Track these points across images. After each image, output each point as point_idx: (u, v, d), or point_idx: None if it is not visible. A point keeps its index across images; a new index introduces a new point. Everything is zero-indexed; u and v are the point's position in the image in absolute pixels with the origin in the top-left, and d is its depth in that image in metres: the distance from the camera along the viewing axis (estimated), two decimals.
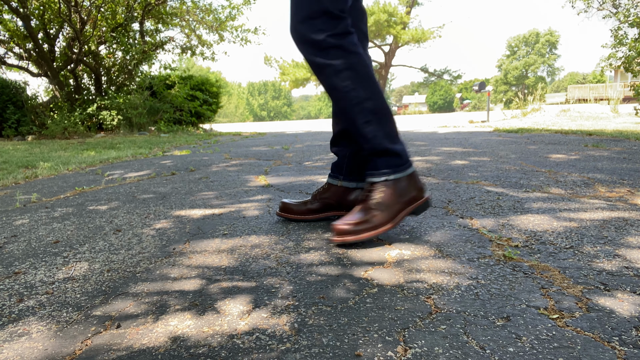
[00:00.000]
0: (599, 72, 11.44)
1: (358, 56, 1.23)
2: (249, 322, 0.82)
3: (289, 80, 33.16)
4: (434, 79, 44.45)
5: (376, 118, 1.25)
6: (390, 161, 1.27)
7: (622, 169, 2.29)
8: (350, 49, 1.22)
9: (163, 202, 1.94)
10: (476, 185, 2.03)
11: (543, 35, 61.88)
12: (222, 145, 5.33)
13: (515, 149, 3.43)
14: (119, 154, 4.32)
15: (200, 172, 2.85)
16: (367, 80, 1.24)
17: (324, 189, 1.51)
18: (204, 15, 11.11)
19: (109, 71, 10.11)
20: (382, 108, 1.26)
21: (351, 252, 1.19)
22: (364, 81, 1.24)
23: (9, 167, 3.50)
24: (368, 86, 1.24)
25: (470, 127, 7.12)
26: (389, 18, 29.07)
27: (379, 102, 1.26)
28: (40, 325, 0.85)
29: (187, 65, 12.55)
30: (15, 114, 8.58)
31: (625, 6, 8.86)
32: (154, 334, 0.79)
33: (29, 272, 1.14)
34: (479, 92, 11.76)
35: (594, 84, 28.87)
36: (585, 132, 4.80)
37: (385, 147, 1.26)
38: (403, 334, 0.76)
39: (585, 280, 0.94)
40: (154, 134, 8.33)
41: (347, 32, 1.22)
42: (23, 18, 8.38)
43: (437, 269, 1.04)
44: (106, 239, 1.41)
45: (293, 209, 1.51)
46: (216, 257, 1.19)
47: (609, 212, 1.47)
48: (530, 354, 0.68)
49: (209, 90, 11.27)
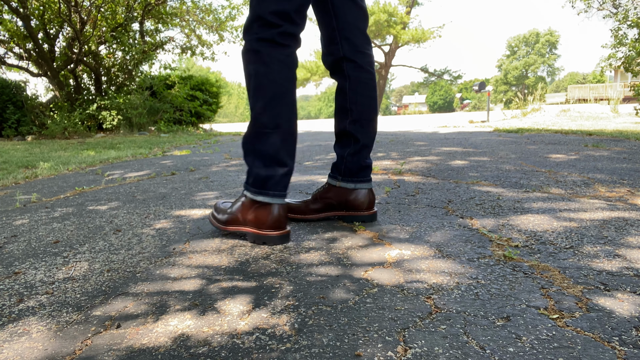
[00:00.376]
0: (599, 72, 11.44)
1: (269, 69, 1.20)
2: (249, 322, 0.82)
3: None
4: (434, 79, 44.44)
5: (259, 135, 1.24)
6: (252, 180, 1.27)
7: (622, 169, 2.29)
8: (265, 59, 1.20)
9: (163, 202, 1.94)
10: (476, 185, 2.03)
11: (543, 35, 61.88)
12: (222, 145, 5.33)
13: (515, 149, 3.43)
14: (119, 154, 4.32)
15: (200, 172, 2.85)
16: (267, 97, 1.21)
17: (324, 189, 1.50)
18: (204, 15, 11.12)
19: (109, 71, 10.12)
20: (263, 129, 1.23)
21: (351, 252, 1.19)
22: (264, 93, 1.21)
23: (9, 167, 3.50)
24: (266, 103, 1.21)
25: (470, 127, 7.12)
26: (389, 18, 29.07)
27: (267, 122, 1.22)
28: (40, 325, 0.85)
29: (187, 65, 12.55)
30: (15, 114, 8.58)
31: (625, 6, 8.86)
32: (154, 334, 0.79)
33: (29, 272, 1.14)
34: (479, 92, 11.76)
35: (594, 84, 28.88)
36: (585, 132, 4.80)
37: (249, 166, 1.28)
38: (403, 334, 0.76)
39: (585, 280, 0.94)
40: (154, 134, 8.33)
41: (271, 40, 1.19)
42: (23, 18, 8.38)
43: (437, 269, 1.04)
44: (106, 239, 1.41)
45: (294, 208, 1.51)
46: (216, 257, 1.19)
47: (609, 212, 1.47)
48: (530, 354, 0.68)
49: (209, 90, 11.28)
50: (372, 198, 1.47)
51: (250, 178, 1.28)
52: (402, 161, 2.93)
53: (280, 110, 1.22)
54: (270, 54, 1.20)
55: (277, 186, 1.26)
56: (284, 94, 1.22)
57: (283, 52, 1.21)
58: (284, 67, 1.22)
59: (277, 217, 1.26)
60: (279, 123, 1.22)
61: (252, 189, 1.27)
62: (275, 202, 1.26)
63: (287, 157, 1.27)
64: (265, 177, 1.25)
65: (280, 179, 1.26)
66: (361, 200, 1.45)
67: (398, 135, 5.50)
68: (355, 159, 1.44)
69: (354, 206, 1.46)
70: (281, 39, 1.20)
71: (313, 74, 32.53)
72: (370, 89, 1.43)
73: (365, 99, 1.42)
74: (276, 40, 1.20)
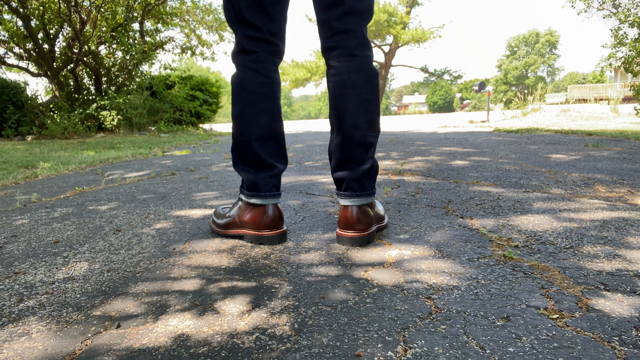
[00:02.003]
0: (599, 72, 11.43)
1: (240, 77, 1.25)
2: (249, 322, 0.82)
3: (288, 80, 33.16)
4: (434, 79, 44.43)
5: (239, 144, 1.28)
6: (244, 183, 1.31)
7: (622, 169, 2.29)
8: (237, 68, 1.26)
9: (163, 202, 1.94)
10: (476, 185, 2.03)
11: (543, 35, 61.87)
12: (222, 145, 5.33)
13: (515, 149, 3.43)
14: (119, 154, 4.32)
15: (200, 172, 2.85)
16: (239, 106, 1.25)
17: None
18: (203, 15, 11.12)
19: (109, 71, 10.11)
20: (241, 138, 1.26)
21: (351, 252, 1.19)
22: (238, 103, 1.26)
23: (9, 167, 3.50)
24: (239, 112, 1.26)
25: (470, 127, 7.12)
26: (389, 18, 29.06)
27: (242, 131, 1.26)
28: (40, 325, 0.85)
29: (187, 65, 12.53)
30: (15, 114, 8.57)
31: (625, 6, 8.86)
32: (154, 334, 0.79)
33: (29, 272, 1.14)
34: (479, 92, 11.76)
35: (594, 84, 28.88)
36: (585, 132, 4.80)
37: (239, 172, 1.32)
38: (403, 334, 0.76)
39: (585, 280, 0.94)
40: (154, 134, 8.33)
41: (240, 50, 1.24)
42: (23, 18, 8.38)
43: (437, 269, 1.04)
44: (106, 239, 1.41)
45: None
46: (216, 257, 1.19)
47: (609, 212, 1.47)
48: (530, 354, 0.68)
49: (209, 90, 11.27)
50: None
51: (243, 182, 1.31)
52: (402, 161, 2.93)
53: (254, 117, 1.24)
54: (240, 62, 1.25)
55: (268, 187, 1.28)
56: (256, 100, 1.24)
57: (248, 58, 1.24)
58: (252, 72, 1.24)
59: (272, 217, 1.28)
60: (254, 130, 1.25)
61: (246, 192, 1.30)
62: (268, 203, 1.28)
63: (273, 158, 1.29)
64: (255, 180, 1.27)
65: (269, 179, 1.28)
66: None
67: (398, 135, 5.50)
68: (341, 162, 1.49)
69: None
70: (247, 45, 1.23)
71: (313, 74, 32.52)
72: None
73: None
74: (243, 48, 1.24)
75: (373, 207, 1.29)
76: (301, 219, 1.56)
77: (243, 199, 1.31)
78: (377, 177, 1.45)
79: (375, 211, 1.31)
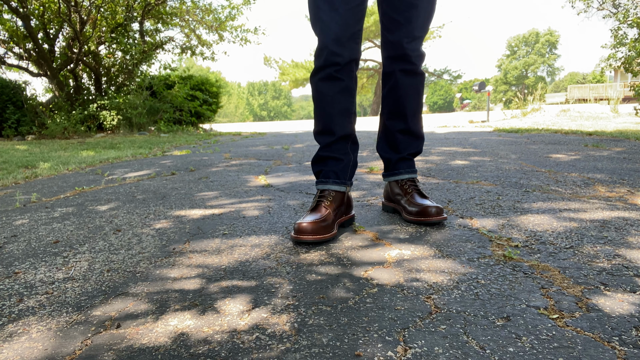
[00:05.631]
0: (599, 72, 11.43)
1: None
2: (249, 321, 0.82)
3: (288, 80, 33.17)
4: (434, 79, 44.42)
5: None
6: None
7: (622, 169, 2.29)
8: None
9: (163, 202, 1.94)
10: (476, 185, 2.03)
11: (543, 35, 61.85)
12: (222, 145, 5.33)
13: (515, 149, 3.43)
14: (118, 154, 4.32)
15: (200, 172, 2.85)
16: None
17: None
18: (203, 15, 11.11)
19: (109, 71, 10.11)
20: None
21: (351, 252, 1.19)
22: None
23: (9, 167, 3.50)
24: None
25: (470, 127, 7.12)
26: None
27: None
28: (40, 325, 0.85)
29: (187, 65, 12.52)
30: (15, 114, 8.57)
31: (625, 6, 8.86)
32: (154, 333, 0.79)
33: (29, 272, 1.14)
34: (479, 92, 11.76)
35: (594, 84, 28.87)
36: (585, 132, 4.80)
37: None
38: (403, 334, 0.76)
39: (585, 280, 0.94)
40: (154, 134, 8.33)
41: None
42: (23, 18, 8.37)
43: (437, 269, 1.04)
44: (106, 239, 1.41)
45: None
46: (216, 257, 1.19)
47: (609, 212, 1.47)
48: (530, 354, 0.68)
49: (209, 90, 11.26)
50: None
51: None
52: None
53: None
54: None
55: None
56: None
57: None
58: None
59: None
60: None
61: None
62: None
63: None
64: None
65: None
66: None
67: None
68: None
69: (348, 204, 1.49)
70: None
71: None
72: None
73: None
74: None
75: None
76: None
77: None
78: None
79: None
